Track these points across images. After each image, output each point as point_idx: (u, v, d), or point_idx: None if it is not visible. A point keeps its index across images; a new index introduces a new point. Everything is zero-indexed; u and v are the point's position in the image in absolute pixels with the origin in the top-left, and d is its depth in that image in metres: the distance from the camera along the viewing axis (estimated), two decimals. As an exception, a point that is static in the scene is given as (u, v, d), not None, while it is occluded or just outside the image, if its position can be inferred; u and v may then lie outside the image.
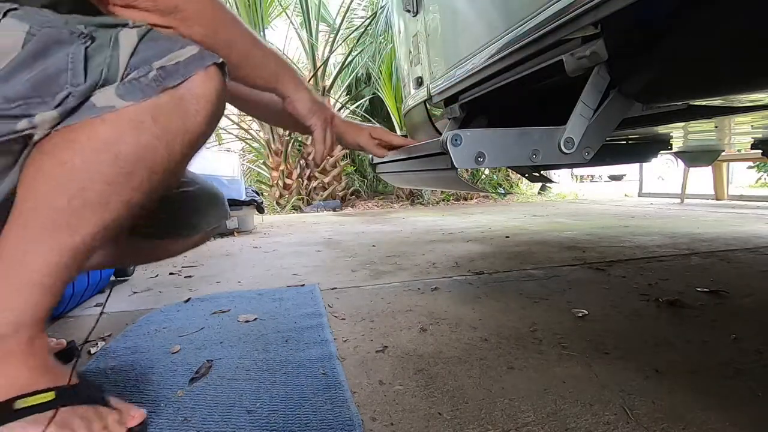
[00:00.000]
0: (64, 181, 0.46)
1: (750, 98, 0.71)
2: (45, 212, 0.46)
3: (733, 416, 0.59)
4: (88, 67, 0.46)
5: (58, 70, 0.45)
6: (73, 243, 0.48)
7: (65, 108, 0.45)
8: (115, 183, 0.48)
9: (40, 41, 0.45)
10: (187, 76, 0.48)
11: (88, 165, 0.46)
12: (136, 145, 0.47)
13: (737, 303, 1.08)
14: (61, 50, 0.45)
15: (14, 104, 0.44)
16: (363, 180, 6.09)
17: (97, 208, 0.48)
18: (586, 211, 3.75)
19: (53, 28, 0.46)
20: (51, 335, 0.96)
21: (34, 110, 0.45)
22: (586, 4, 0.59)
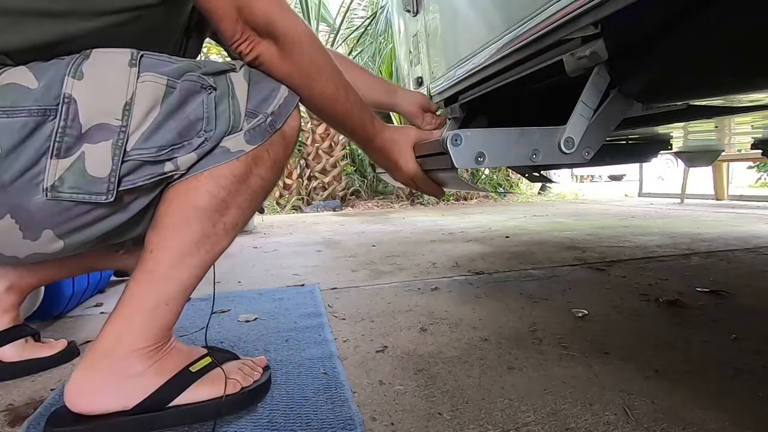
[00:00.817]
0: (213, 210, 0.56)
1: (750, 98, 0.71)
2: (196, 237, 0.56)
3: (733, 416, 0.59)
4: (218, 115, 0.54)
5: (196, 118, 0.53)
6: (210, 258, 0.59)
7: (202, 150, 0.54)
8: (244, 208, 0.60)
9: (180, 94, 0.53)
10: (287, 116, 0.59)
11: (231, 196, 0.57)
12: (260, 177, 0.59)
13: (737, 303, 1.08)
14: (195, 100, 0.53)
15: (164, 151, 0.52)
16: (363, 180, 6.09)
17: (230, 230, 0.59)
18: (586, 211, 3.75)
19: (187, 81, 0.53)
20: (51, 335, 0.96)
21: (177, 154, 0.53)
22: (586, 4, 0.59)
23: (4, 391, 0.72)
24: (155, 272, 0.56)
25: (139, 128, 0.51)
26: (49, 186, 0.48)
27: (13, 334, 0.77)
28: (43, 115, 0.47)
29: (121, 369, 0.56)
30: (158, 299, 0.57)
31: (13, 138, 0.46)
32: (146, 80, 0.51)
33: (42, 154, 0.48)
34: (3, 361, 0.76)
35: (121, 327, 0.57)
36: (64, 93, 0.48)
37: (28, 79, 0.48)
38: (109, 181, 0.50)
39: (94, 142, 0.49)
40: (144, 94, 0.51)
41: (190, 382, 0.59)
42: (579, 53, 0.64)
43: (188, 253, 0.56)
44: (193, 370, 0.60)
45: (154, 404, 0.56)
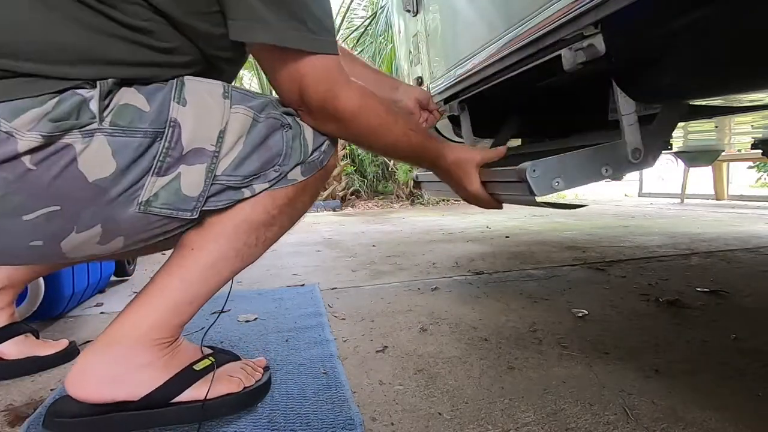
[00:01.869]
0: (261, 225, 0.61)
1: (750, 98, 0.71)
2: (238, 246, 0.60)
3: (733, 416, 0.59)
4: (292, 152, 0.60)
5: (276, 153, 0.59)
6: (240, 267, 0.63)
7: (275, 182, 0.60)
8: (284, 227, 0.65)
9: (265, 129, 0.58)
10: (330, 156, 0.66)
11: (279, 215, 0.62)
12: (303, 202, 0.65)
13: (737, 303, 1.08)
14: (276, 136, 0.59)
15: (246, 180, 0.57)
16: (363, 180, 6.09)
17: (266, 244, 0.65)
18: (586, 211, 3.74)
19: (271, 118, 0.59)
20: (51, 335, 0.96)
21: (255, 183, 0.58)
22: (586, 4, 0.59)
23: (4, 391, 0.72)
24: (190, 270, 0.59)
25: (228, 155, 0.56)
26: (144, 201, 0.52)
27: (12, 331, 0.77)
28: (154, 137, 0.51)
29: (131, 357, 0.57)
30: (184, 297, 0.59)
31: (129, 156, 0.49)
32: (237, 112, 0.56)
33: (146, 172, 0.51)
34: (4, 358, 0.76)
35: (140, 314, 0.58)
36: (171, 117, 0.52)
37: (141, 101, 0.51)
38: (198, 200, 0.55)
39: (190, 164, 0.53)
40: (235, 124, 0.56)
41: (193, 380, 0.60)
42: (576, 46, 0.64)
43: (225, 259, 0.60)
44: (197, 369, 0.61)
45: (157, 400, 0.57)
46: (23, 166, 0.44)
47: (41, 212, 0.47)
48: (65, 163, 0.46)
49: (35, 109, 0.44)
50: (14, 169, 0.44)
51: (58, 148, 0.46)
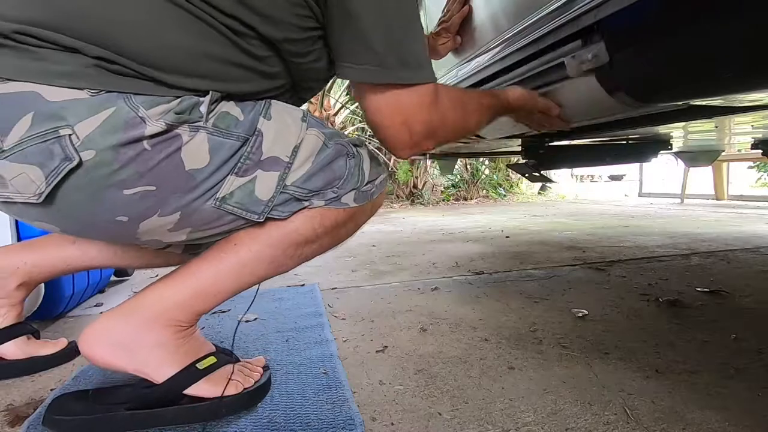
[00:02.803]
0: (304, 240, 0.63)
1: (750, 98, 0.71)
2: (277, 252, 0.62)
3: (733, 416, 0.59)
4: (351, 178, 0.63)
5: (338, 175, 0.62)
6: (270, 274, 0.65)
7: (330, 202, 0.63)
8: (323, 247, 0.67)
9: (334, 152, 0.62)
10: (380, 192, 0.69)
11: (323, 235, 0.64)
12: (346, 230, 0.68)
13: (737, 303, 1.08)
14: (340, 161, 0.63)
15: (310, 194, 0.61)
16: (363, 180, 6.09)
17: (300, 260, 0.66)
18: (586, 211, 3.75)
19: (339, 144, 0.63)
20: (51, 335, 0.96)
21: (315, 199, 0.61)
22: (586, 3, 0.59)
23: (4, 391, 0.72)
24: (226, 263, 0.61)
25: (299, 169, 0.60)
26: (221, 197, 0.56)
27: (16, 331, 0.77)
28: (243, 141, 0.56)
29: (146, 330, 0.59)
30: (212, 286, 0.61)
31: (221, 155, 0.55)
32: (311, 134, 0.62)
33: (230, 171, 0.56)
34: (4, 358, 0.76)
35: (167, 291, 0.61)
36: (257, 127, 0.58)
37: (237, 112, 0.57)
38: (267, 204, 0.59)
39: (266, 170, 0.58)
40: (308, 143, 0.61)
41: (196, 378, 0.61)
42: (580, 56, 0.64)
43: (261, 262, 0.62)
44: (201, 368, 0.61)
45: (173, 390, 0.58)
46: (142, 146, 0.50)
47: (140, 189, 0.52)
48: (173, 149, 0.52)
49: (164, 104, 0.51)
50: (136, 147, 0.50)
51: (171, 136, 0.52)
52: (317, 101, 5.40)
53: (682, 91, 0.61)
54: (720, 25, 0.49)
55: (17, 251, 0.77)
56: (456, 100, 0.69)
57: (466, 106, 0.71)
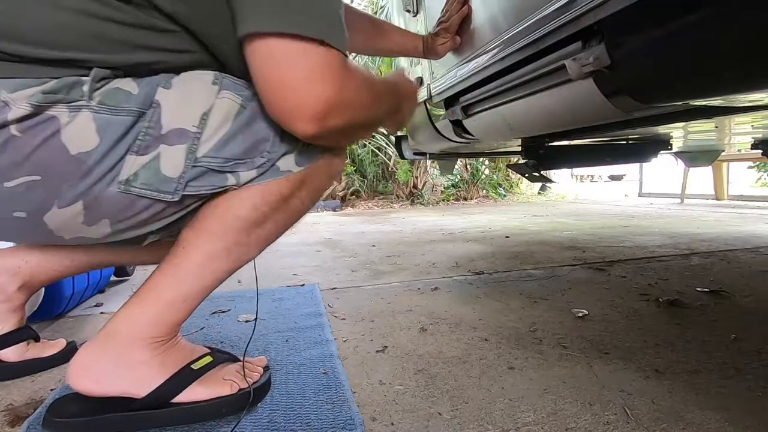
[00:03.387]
0: (252, 222, 0.59)
1: (750, 98, 0.71)
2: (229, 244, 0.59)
3: (733, 416, 0.59)
4: (281, 138, 0.57)
5: (262, 138, 0.56)
6: (236, 266, 0.62)
7: (262, 169, 0.57)
8: (279, 226, 0.62)
9: (250, 111, 0.56)
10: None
11: (271, 212, 0.60)
12: (299, 200, 0.62)
13: (737, 303, 1.08)
14: (261, 121, 0.56)
15: (230, 163, 0.55)
16: (363, 180, 6.09)
17: (261, 244, 0.62)
18: (586, 211, 3.75)
19: (258, 102, 0.55)
20: (51, 335, 0.96)
21: (240, 169, 0.56)
22: (586, 3, 0.59)
23: (4, 391, 0.72)
24: (182, 268, 0.59)
25: (211, 138, 0.54)
26: (124, 180, 0.52)
27: (18, 337, 0.77)
28: (137, 116, 0.52)
29: (127, 354, 0.58)
30: (178, 294, 0.59)
31: (112, 134, 0.50)
32: (225, 97, 0.55)
33: (128, 150, 0.52)
34: (4, 361, 0.76)
35: (135, 312, 0.59)
36: (154, 99, 0.53)
37: (132, 86, 0.52)
38: (178, 182, 0.54)
39: (171, 144, 0.53)
40: (220, 108, 0.55)
41: (191, 379, 0.60)
42: (581, 60, 0.64)
43: (218, 257, 0.59)
44: (195, 368, 0.61)
45: (156, 399, 0.57)
46: (9, 132, 0.47)
47: (22, 180, 0.49)
48: (49, 134, 0.48)
49: (36, 86, 0.47)
50: (2, 135, 0.46)
51: (44, 119, 0.48)
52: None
53: (683, 91, 0.61)
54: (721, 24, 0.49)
55: (18, 252, 0.76)
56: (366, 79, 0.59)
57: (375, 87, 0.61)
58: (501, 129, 1.04)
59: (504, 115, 0.98)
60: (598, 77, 0.64)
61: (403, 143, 1.90)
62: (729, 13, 0.48)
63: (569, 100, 0.75)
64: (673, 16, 0.54)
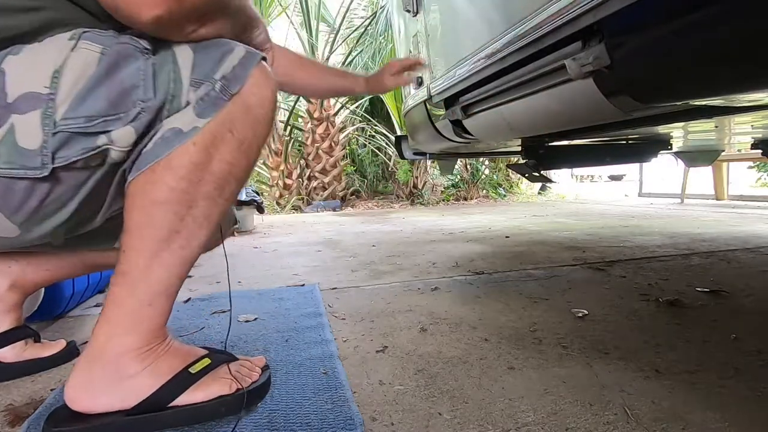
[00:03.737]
0: (175, 203, 0.52)
1: (750, 98, 0.71)
2: (163, 234, 0.53)
3: (733, 416, 0.59)
4: (156, 83, 0.50)
5: (130, 85, 0.49)
6: (188, 254, 0.56)
7: (140, 123, 0.49)
8: (212, 197, 0.55)
9: (111, 57, 0.49)
10: (244, 78, 0.53)
11: (193, 186, 0.52)
12: (224, 161, 0.54)
13: (737, 303, 1.08)
14: (130, 65, 0.49)
15: (94, 122, 0.48)
16: (363, 180, 6.09)
17: (202, 222, 0.55)
18: (586, 211, 3.75)
19: (122, 44, 0.49)
20: (51, 335, 0.96)
21: (111, 126, 0.49)
22: (586, 3, 0.59)
23: (4, 391, 0.72)
24: (129, 274, 0.54)
25: (68, 97, 0.48)
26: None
27: (14, 336, 0.77)
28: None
29: (114, 371, 0.56)
30: (139, 301, 0.55)
31: None
32: (82, 47, 0.49)
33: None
34: (3, 361, 0.76)
35: (108, 330, 0.56)
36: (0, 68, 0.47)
37: None
38: (42, 153, 0.48)
39: (22, 112, 0.47)
40: (75, 62, 0.48)
41: (189, 383, 0.59)
42: (581, 59, 0.64)
43: (159, 251, 0.54)
44: (193, 372, 0.60)
45: (154, 405, 0.57)
46: None
47: None
48: None
49: None
50: None
51: None
52: (317, 101, 5.40)
53: (683, 91, 0.61)
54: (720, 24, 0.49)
55: (6, 253, 0.74)
56: None
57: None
58: (501, 129, 1.04)
59: (504, 115, 0.98)
60: (598, 77, 0.64)
61: (403, 143, 1.90)
62: (729, 13, 0.48)
63: (569, 99, 0.75)
64: (672, 16, 0.54)
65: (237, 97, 0.53)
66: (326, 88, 1.04)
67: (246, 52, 0.54)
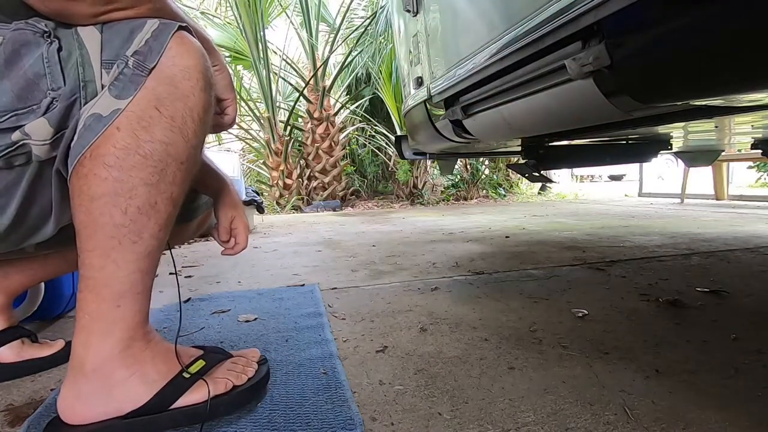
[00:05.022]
0: (112, 195, 0.49)
1: (750, 98, 0.71)
2: (108, 230, 0.50)
3: (733, 416, 0.59)
4: (64, 69, 0.46)
5: (36, 75, 0.45)
6: (143, 247, 0.52)
7: (54, 114, 0.46)
8: (153, 183, 0.50)
9: (8, 45, 0.45)
10: (162, 49, 0.48)
11: (125, 174, 0.48)
12: (155, 142, 0.49)
13: (737, 303, 1.08)
14: (32, 53, 0.45)
15: (4, 118, 0.45)
16: (363, 180, 6.09)
17: (149, 211, 0.51)
18: (586, 211, 3.75)
19: (18, 30, 0.45)
20: (51, 335, 0.96)
21: (24, 120, 0.46)
22: (586, 3, 0.59)
23: (4, 391, 0.72)
24: (90, 277, 0.52)
25: None
26: None
27: (9, 336, 0.77)
28: None
29: (100, 380, 0.54)
30: (105, 303, 0.53)
31: None
32: None
33: None
34: (1, 362, 0.76)
35: (84, 340, 0.54)
36: None
37: None
38: None
39: None
40: None
41: (184, 388, 0.58)
42: (581, 59, 0.64)
43: (111, 248, 0.50)
44: (188, 376, 0.59)
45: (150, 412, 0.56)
46: None
47: None
48: None
49: None
50: None
51: None
52: (317, 101, 5.41)
53: (683, 91, 0.61)
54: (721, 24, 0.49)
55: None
56: None
57: None
58: (501, 129, 1.04)
59: (504, 115, 0.98)
60: (598, 77, 0.64)
61: (403, 143, 1.90)
62: (729, 12, 0.48)
63: (569, 99, 0.75)
64: (672, 16, 0.54)
65: (156, 71, 0.48)
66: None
67: (159, 23, 0.50)
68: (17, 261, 0.75)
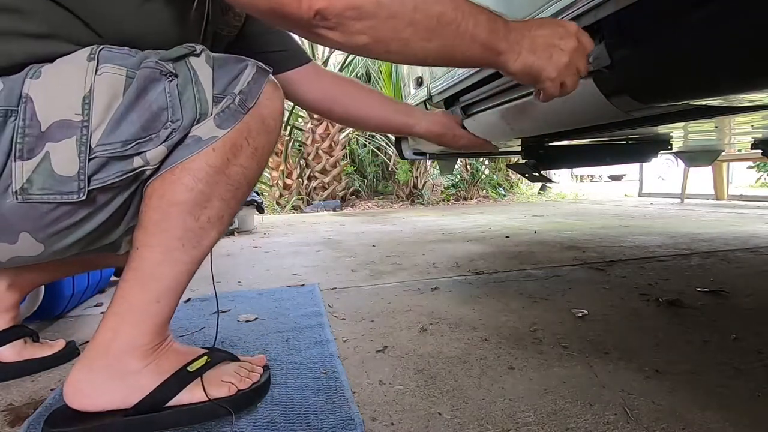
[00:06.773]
0: (192, 204, 0.55)
1: (750, 98, 0.71)
2: (177, 232, 0.55)
3: (733, 416, 0.59)
4: (182, 103, 0.52)
5: (159, 108, 0.51)
6: (199, 253, 0.58)
7: (171, 142, 0.52)
8: (227, 200, 0.58)
9: (139, 83, 0.51)
10: (258, 93, 0.56)
11: (209, 188, 0.55)
12: (239, 166, 0.57)
13: (737, 303, 1.08)
14: (156, 89, 0.51)
15: (129, 146, 0.50)
16: (363, 180, 6.09)
17: (216, 223, 0.58)
18: (586, 211, 3.75)
19: (145, 68, 0.51)
20: (51, 335, 0.96)
21: (145, 148, 0.51)
22: (585, 4, 0.59)
23: (4, 391, 0.72)
24: (141, 270, 0.56)
25: (102, 123, 0.49)
26: (18, 189, 0.48)
27: (13, 335, 0.77)
28: (5, 116, 0.47)
29: (117, 367, 0.57)
30: (148, 297, 0.57)
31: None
32: (104, 72, 0.50)
33: (9, 157, 0.48)
34: (2, 361, 0.76)
35: (115, 325, 0.57)
36: (23, 93, 0.48)
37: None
38: (79, 179, 0.49)
39: (57, 140, 0.48)
40: (103, 87, 0.50)
41: (187, 381, 0.59)
42: None
43: (173, 249, 0.56)
44: (191, 370, 0.61)
45: (153, 404, 0.57)
46: None
47: None
48: None
49: None
50: None
51: None
52: (317, 101, 5.39)
53: (683, 91, 0.61)
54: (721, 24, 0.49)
55: None
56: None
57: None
58: (501, 129, 1.04)
59: (504, 115, 0.98)
60: (598, 77, 0.64)
61: (403, 143, 1.90)
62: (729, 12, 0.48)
63: (569, 99, 0.75)
64: (672, 16, 0.54)
65: (253, 109, 0.56)
66: (377, 122, 0.91)
67: (258, 68, 0.57)
68: None
